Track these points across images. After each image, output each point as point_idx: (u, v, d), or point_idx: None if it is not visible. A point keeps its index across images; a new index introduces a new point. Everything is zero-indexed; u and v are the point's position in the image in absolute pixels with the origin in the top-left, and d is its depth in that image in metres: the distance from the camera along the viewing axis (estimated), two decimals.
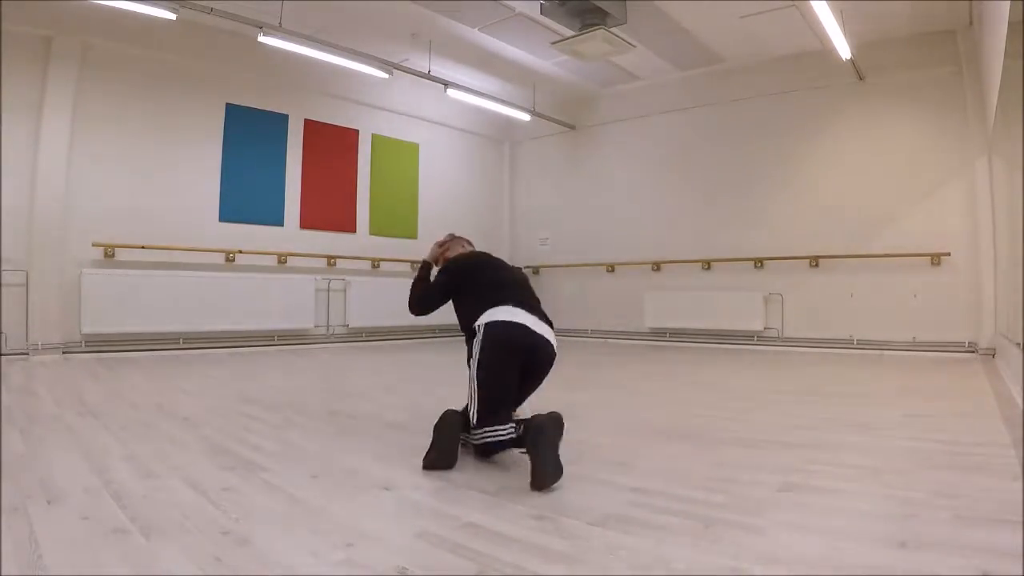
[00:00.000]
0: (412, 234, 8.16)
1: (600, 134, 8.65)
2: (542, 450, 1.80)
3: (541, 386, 2.30)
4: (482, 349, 2.08)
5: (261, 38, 5.46)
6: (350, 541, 1.41)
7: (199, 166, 6.33)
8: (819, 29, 5.46)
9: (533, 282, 2.78)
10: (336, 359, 5.91)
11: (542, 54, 6.87)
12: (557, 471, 1.79)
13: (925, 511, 1.58)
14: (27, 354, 5.22)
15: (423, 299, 2.43)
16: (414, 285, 2.48)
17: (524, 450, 1.89)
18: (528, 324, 2.14)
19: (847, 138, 6.66)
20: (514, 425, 1.98)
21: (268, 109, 6.86)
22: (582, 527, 1.50)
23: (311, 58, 6.05)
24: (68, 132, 5.48)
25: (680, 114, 7.84)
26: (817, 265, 6.74)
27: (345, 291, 7.34)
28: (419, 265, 2.57)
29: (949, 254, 6.00)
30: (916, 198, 6.22)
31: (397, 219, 8.09)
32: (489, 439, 2.00)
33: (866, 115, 6.53)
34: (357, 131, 7.72)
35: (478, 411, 2.03)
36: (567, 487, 1.82)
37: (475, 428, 2.03)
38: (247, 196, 6.66)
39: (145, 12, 4.91)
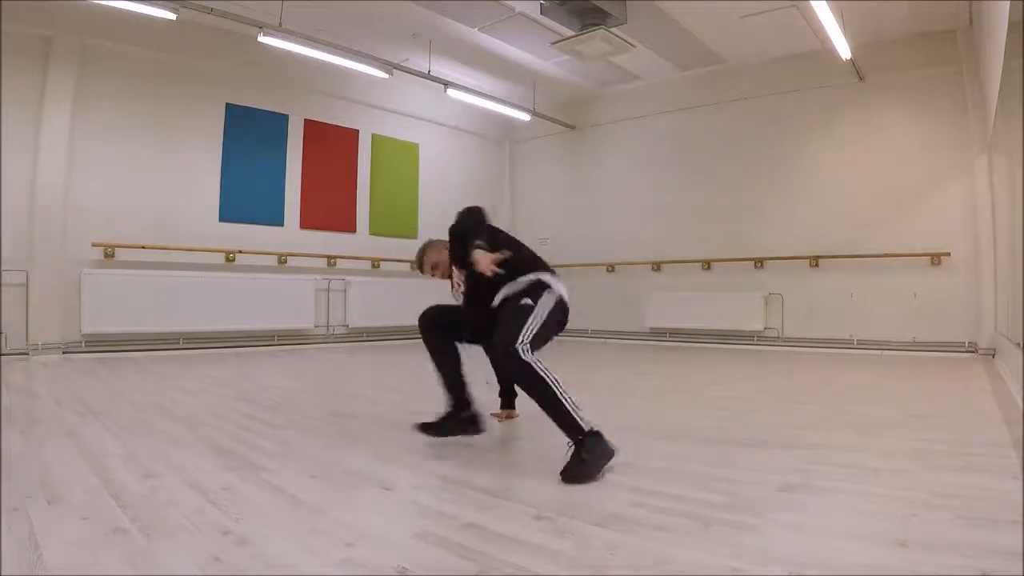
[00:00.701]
0: (412, 234, 8.14)
1: (600, 134, 8.64)
2: (588, 459, 1.90)
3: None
4: (551, 308, 2.27)
5: (261, 38, 5.45)
6: (350, 541, 1.41)
7: (199, 166, 6.33)
8: (819, 29, 5.46)
9: None
10: (336, 359, 5.91)
11: (542, 54, 6.87)
12: (583, 479, 1.87)
13: (925, 511, 1.58)
14: (27, 354, 5.22)
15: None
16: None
17: (571, 444, 1.94)
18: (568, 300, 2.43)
19: (847, 138, 6.66)
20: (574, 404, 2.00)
21: (268, 109, 6.86)
22: (582, 527, 1.50)
23: (311, 58, 6.05)
24: (68, 132, 5.48)
25: (680, 114, 7.84)
26: (817, 265, 6.74)
27: (345, 291, 7.34)
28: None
29: (949, 254, 6.00)
30: (916, 198, 6.22)
31: (397, 219, 8.09)
32: (537, 366, 2.03)
33: (866, 115, 6.53)
34: (357, 131, 7.72)
35: (532, 341, 2.12)
36: (567, 486, 1.82)
37: (526, 344, 2.06)
38: (247, 196, 6.66)
39: (145, 12, 4.91)
